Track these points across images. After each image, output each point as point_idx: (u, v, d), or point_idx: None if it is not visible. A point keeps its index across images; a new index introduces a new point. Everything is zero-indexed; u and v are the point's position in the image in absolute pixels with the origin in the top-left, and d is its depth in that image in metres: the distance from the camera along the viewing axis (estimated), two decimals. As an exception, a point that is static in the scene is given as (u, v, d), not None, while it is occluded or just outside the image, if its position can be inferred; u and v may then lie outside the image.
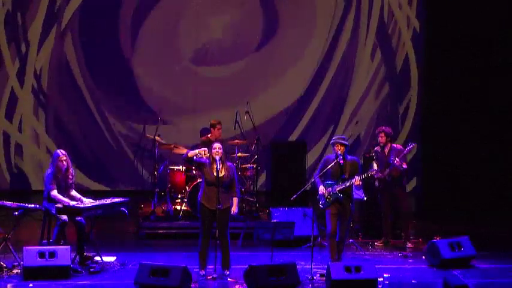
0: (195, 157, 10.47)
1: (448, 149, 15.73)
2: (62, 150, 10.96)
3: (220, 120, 13.80)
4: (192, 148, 13.83)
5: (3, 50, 15.97)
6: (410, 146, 12.29)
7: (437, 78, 16.03)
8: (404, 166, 12.28)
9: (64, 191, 10.80)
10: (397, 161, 12.18)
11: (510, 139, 15.74)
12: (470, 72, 15.76)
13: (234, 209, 10.49)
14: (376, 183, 12.49)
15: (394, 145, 12.61)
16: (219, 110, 15.65)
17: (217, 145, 10.47)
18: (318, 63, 16.55)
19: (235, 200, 10.53)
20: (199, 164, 10.50)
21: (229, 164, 10.56)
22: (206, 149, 10.60)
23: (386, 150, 12.47)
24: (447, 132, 15.88)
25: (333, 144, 10.66)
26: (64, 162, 10.82)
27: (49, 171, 10.80)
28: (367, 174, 10.70)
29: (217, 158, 10.35)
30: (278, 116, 16.50)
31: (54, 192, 10.69)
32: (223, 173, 10.36)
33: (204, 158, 10.44)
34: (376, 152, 12.61)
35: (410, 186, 15.79)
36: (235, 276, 10.39)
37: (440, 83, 16.00)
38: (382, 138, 12.49)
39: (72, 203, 10.70)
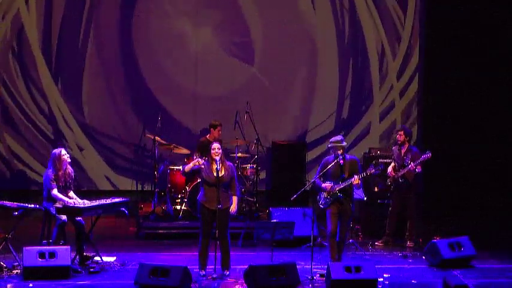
0: (191, 170, 10.49)
1: (448, 149, 15.72)
2: (61, 149, 10.93)
3: (221, 122, 13.78)
4: (189, 149, 13.94)
5: None
6: (428, 154, 12.14)
7: (438, 78, 16.02)
8: (419, 170, 12.22)
9: (62, 192, 10.78)
10: (411, 166, 12.12)
11: (510, 139, 15.74)
12: (471, 72, 15.77)
13: (233, 208, 10.48)
14: (388, 181, 12.44)
15: (412, 146, 12.53)
16: (219, 110, 15.64)
17: (216, 145, 10.44)
18: (320, 65, 16.56)
19: (234, 199, 10.52)
20: (198, 170, 10.51)
21: (228, 163, 10.56)
22: (199, 159, 10.58)
23: (403, 151, 12.40)
24: (448, 132, 15.88)
25: (333, 148, 10.64)
26: (63, 161, 10.79)
27: (49, 171, 10.78)
28: (366, 173, 10.69)
29: (217, 158, 10.35)
30: (279, 117, 16.49)
31: (55, 192, 10.67)
32: (223, 172, 10.34)
33: (201, 165, 10.43)
34: (393, 151, 12.55)
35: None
36: (235, 276, 10.40)
37: (441, 82, 16.00)
38: (400, 137, 12.41)
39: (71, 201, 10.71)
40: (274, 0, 16.31)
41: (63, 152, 10.86)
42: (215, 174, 10.31)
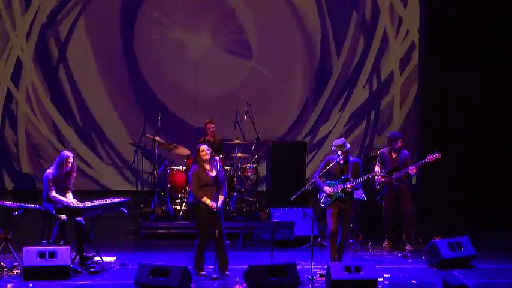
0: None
1: (448, 149, 15.68)
2: (69, 152, 10.92)
3: (211, 120, 13.91)
4: (190, 149, 13.94)
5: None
6: (436, 155, 12.02)
7: (438, 76, 15.99)
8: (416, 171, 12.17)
9: (61, 192, 10.77)
10: (412, 169, 12.03)
11: (510, 139, 15.73)
12: (471, 71, 15.75)
13: (219, 204, 10.39)
14: (377, 184, 12.36)
15: (403, 149, 12.44)
16: (219, 110, 15.64)
17: (204, 147, 10.51)
18: (318, 63, 16.56)
19: (221, 197, 10.49)
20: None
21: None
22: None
23: (394, 154, 12.31)
24: (448, 132, 15.86)
25: (335, 151, 10.66)
26: (69, 164, 10.78)
27: (50, 171, 10.77)
28: (371, 175, 10.70)
29: (207, 158, 10.38)
30: (279, 116, 16.49)
31: (53, 194, 10.67)
32: (214, 173, 10.39)
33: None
34: (381, 153, 12.45)
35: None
36: (235, 276, 10.39)
37: (441, 81, 15.98)
38: (397, 145, 12.27)
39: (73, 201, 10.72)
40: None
41: (71, 156, 10.85)
42: (210, 174, 10.35)
